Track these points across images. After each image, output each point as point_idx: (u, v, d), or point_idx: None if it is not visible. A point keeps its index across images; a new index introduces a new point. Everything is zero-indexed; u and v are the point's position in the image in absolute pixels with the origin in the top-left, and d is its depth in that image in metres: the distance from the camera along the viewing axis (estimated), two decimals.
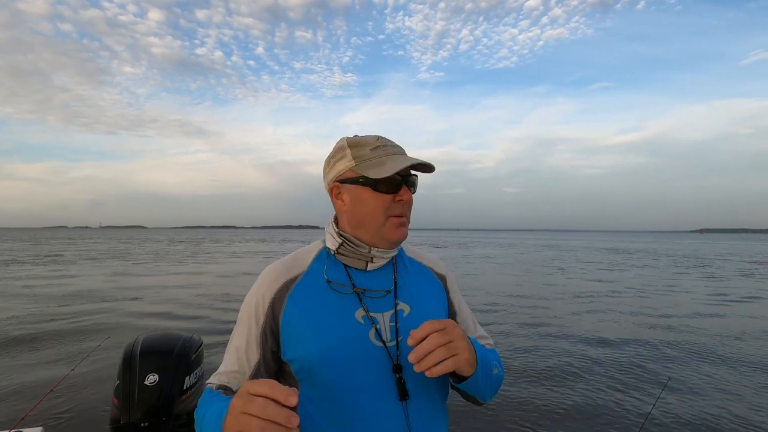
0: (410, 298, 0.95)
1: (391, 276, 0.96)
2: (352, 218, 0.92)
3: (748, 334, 7.21)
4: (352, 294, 0.90)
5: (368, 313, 0.89)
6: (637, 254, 31.29)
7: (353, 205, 0.91)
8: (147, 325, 7.34)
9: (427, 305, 0.97)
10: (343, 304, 0.89)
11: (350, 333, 0.86)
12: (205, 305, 9.41)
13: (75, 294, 10.75)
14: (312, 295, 0.90)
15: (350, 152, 0.91)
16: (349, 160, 0.91)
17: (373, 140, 0.92)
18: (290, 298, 0.89)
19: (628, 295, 11.51)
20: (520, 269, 19.27)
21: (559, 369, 5.23)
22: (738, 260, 26.28)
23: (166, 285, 12.72)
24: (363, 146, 0.91)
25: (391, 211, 0.90)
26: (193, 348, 2.25)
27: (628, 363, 5.54)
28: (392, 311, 0.91)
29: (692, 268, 20.09)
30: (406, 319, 0.91)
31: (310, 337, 0.86)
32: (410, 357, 0.76)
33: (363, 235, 0.92)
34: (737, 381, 4.95)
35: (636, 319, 8.35)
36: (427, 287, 1.00)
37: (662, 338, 6.86)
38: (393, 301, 0.92)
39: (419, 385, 0.88)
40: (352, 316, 0.88)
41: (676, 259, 26.86)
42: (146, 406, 2.07)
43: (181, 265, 19.56)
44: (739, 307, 10.02)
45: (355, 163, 0.90)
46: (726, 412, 4.07)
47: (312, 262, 0.95)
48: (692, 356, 5.94)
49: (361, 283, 0.92)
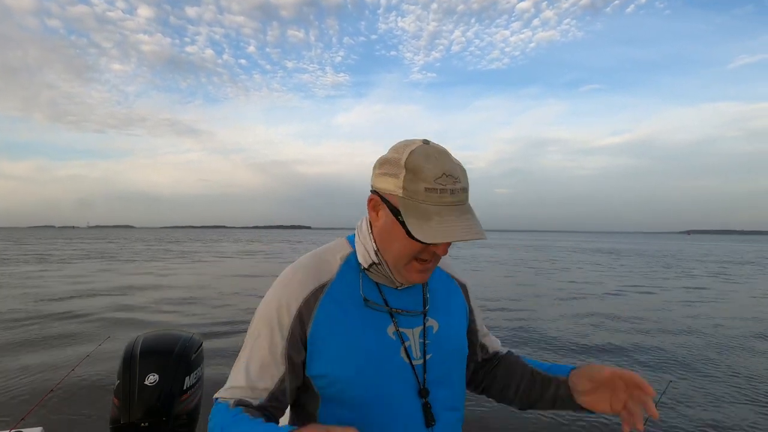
0: (438, 314, 0.93)
1: (421, 293, 0.93)
2: (379, 239, 0.85)
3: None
4: (385, 310, 0.87)
5: (399, 329, 0.86)
6: (623, 256, 31.65)
7: (383, 230, 0.83)
8: (147, 325, 7.29)
9: (454, 320, 0.95)
10: (376, 320, 0.85)
11: (382, 350, 0.84)
12: (199, 305, 9.36)
13: (73, 294, 10.61)
14: (343, 307, 0.85)
15: (404, 177, 0.78)
16: (397, 186, 0.79)
17: (436, 173, 0.77)
18: (320, 308, 0.84)
19: (617, 298, 11.65)
20: (505, 270, 19.41)
21: None
22: (710, 261, 26.74)
23: (159, 284, 12.61)
24: (419, 179, 0.77)
25: (418, 255, 0.81)
26: (193, 348, 2.24)
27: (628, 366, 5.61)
28: (422, 327, 0.89)
29: (663, 268, 20.39)
30: (435, 336, 0.90)
31: (343, 354, 0.82)
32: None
33: (386, 257, 0.85)
34: (737, 382, 5.04)
35: (609, 323, 8.46)
36: (452, 299, 0.98)
37: (646, 340, 6.97)
38: (423, 318, 0.90)
39: (445, 411, 0.87)
40: (384, 333, 0.85)
41: (657, 259, 27.23)
42: (146, 406, 2.05)
43: (170, 265, 19.38)
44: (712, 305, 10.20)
45: (401, 194, 0.78)
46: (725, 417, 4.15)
47: (340, 268, 0.89)
48: (690, 358, 6.03)
49: (393, 301, 0.88)
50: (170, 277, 14.71)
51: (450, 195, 0.77)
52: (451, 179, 0.77)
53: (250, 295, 10.83)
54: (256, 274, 16.23)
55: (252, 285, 13.03)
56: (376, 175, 0.84)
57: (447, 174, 0.77)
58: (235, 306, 9.21)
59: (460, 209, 0.78)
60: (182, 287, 12.13)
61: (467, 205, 0.81)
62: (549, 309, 9.49)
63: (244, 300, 10.10)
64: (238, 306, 9.24)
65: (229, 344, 6.18)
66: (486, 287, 13.03)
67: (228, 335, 6.75)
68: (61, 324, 7.30)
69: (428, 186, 0.76)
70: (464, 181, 0.80)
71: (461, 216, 0.78)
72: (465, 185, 0.80)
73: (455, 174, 0.78)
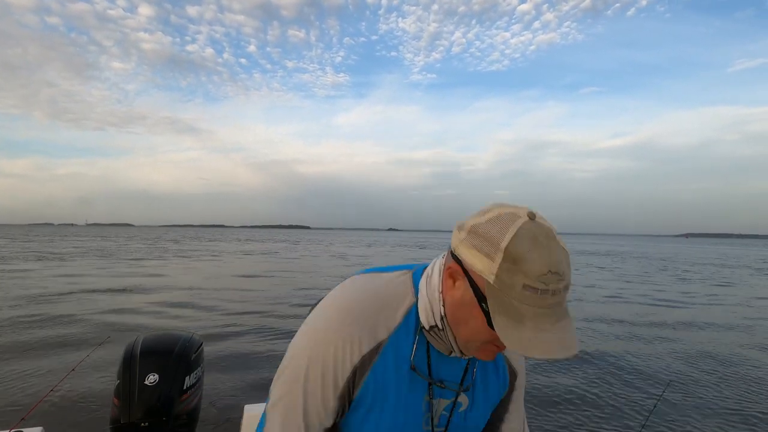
0: (473, 392, 0.87)
1: (465, 364, 0.87)
2: (450, 309, 0.74)
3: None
4: (426, 380, 0.82)
5: (431, 399, 0.83)
6: (612, 257, 31.72)
7: (459, 304, 0.72)
8: (147, 325, 7.29)
9: (486, 401, 0.90)
10: (415, 386, 0.81)
11: (410, 417, 0.81)
12: (198, 305, 9.34)
13: (72, 295, 10.58)
14: (392, 371, 0.79)
15: (500, 264, 0.64)
16: (490, 271, 0.65)
17: (541, 269, 0.63)
18: (372, 371, 0.77)
19: (615, 299, 11.68)
20: None
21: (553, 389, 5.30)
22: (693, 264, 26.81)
23: (156, 285, 12.60)
24: (520, 272, 0.63)
25: (493, 339, 0.70)
26: (193, 348, 2.25)
27: (628, 369, 5.62)
28: (450, 401, 0.85)
29: (660, 271, 20.46)
30: (461, 413, 0.86)
31: (379, 416, 0.79)
32: None
33: (453, 329, 0.75)
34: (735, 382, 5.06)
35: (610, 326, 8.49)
36: (494, 382, 0.91)
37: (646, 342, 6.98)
38: (456, 393, 0.85)
39: None
40: (420, 402, 0.82)
41: (652, 261, 27.31)
42: (146, 406, 2.07)
43: (169, 264, 19.37)
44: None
45: (493, 282, 0.65)
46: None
47: (399, 326, 0.79)
48: (689, 359, 6.06)
49: (437, 370, 0.83)
50: (164, 278, 14.70)
51: (551, 296, 0.64)
52: (556, 277, 0.64)
53: (244, 297, 10.82)
54: (254, 274, 16.23)
55: (248, 285, 13.04)
56: (461, 241, 0.71)
57: (553, 271, 0.63)
58: (228, 308, 9.19)
59: (558, 313, 0.66)
60: (176, 288, 12.11)
61: (565, 307, 0.68)
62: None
63: (238, 301, 10.10)
64: (232, 308, 9.23)
65: (226, 347, 6.17)
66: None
67: (225, 338, 6.74)
68: (60, 324, 7.29)
69: (528, 283, 0.63)
70: (568, 275, 0.66)
71: (557, 323, 0.65)
72: (569, 281, 0.66)
73: (561, 269, 0.64)
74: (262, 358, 5.60)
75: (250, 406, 1.86)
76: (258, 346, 6.25)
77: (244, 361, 5.46)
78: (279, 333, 6.94)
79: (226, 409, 3.97)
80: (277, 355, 5.52)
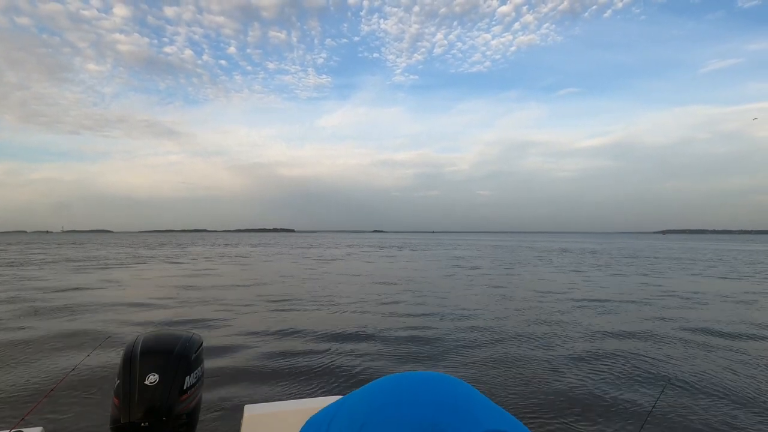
0: None
1: None
2: None
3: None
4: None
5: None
6: (591, 255, 32.30)
7: None
8: (146, 325, 7.20)
9: None
10: None
11: None
12: (195, 308, 9.23)
13: (70, 294, 10.37)
14: None
15: None
16: None
17: None
18: None
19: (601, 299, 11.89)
20: (484, 271, 19.60)
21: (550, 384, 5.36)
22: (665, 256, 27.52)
23: (146, 286, 12.36)
24: None
25: None
26: (193, 348, 2.23)
27: (627, 366, 5.72)
28: None
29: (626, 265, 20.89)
30: None
31: None
32: None
33: None
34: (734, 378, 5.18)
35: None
36: None
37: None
38: None
39: None
40: None
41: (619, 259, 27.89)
42: (146, 405, 2.04)
43: (152, 270, 19.01)
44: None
45: None
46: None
47: None
48: (686, 359, 6.20)
49: None
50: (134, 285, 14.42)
51: None
52: None
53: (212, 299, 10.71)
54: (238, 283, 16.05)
55: (222, 294, 12.91)
56: None
57: None
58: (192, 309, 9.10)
59: None
60: (141, 293, 11.92)
61: None
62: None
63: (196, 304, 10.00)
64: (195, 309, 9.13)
65: (226, 347, 6.10)
66: (420, 282, 13.16)
67: (226, 337, 6.66)
68: (60, 324, 7.17)
69: None
70: None
71: None
72: None
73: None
74: (262, 359, 5.58)
75: (250, 406, 1.85)
76: (259, 346, 6.19)
77: (244, 361, 5.42)
78: (268, 333, 6.90)
79: (226, 409, 3.95)
80: (278, 354, 5.51)
